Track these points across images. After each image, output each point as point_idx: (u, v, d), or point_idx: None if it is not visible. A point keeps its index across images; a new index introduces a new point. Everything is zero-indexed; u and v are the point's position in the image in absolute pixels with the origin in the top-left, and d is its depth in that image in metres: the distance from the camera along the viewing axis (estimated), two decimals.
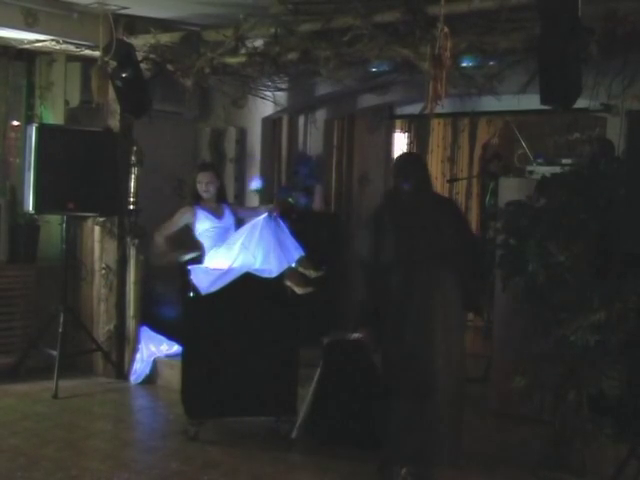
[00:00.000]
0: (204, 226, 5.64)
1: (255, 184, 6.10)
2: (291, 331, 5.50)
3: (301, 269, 5.44)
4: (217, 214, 5.71)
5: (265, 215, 5.48)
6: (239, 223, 5.75)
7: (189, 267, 5.50)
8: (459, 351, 4.79)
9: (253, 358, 5.41)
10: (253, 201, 7.91)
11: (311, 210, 7.99)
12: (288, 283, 5.42)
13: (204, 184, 5.71)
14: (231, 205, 5.99)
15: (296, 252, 5.44)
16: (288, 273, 5.42)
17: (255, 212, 5.76)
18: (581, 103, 5.06)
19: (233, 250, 5.43)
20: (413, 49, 5.40)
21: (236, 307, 5.41)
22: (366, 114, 8.67)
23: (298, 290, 5.40)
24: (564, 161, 5.29)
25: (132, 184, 7.16)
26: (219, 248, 5.55)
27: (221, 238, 5.61)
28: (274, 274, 5.36)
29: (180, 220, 5.70)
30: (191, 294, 5.41)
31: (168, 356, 6.90)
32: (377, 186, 8.93)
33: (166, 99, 7.32)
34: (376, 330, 4.98)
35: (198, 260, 5.63)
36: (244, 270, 5.36)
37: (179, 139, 7.88)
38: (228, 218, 5.75)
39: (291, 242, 5.47)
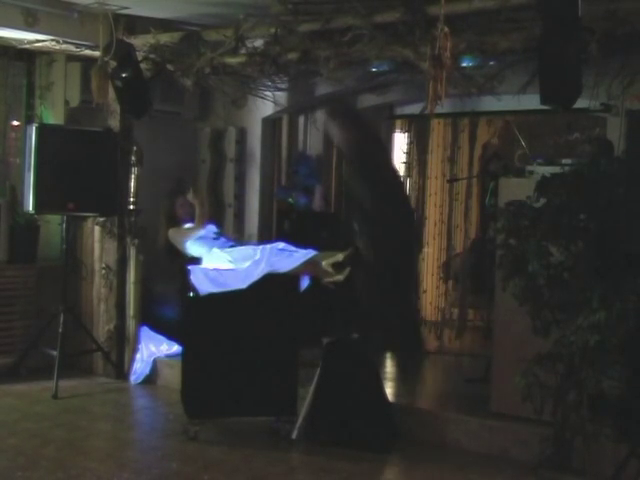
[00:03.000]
0: (199, 234, 5.83)
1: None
2: (291, 331, 5.50)
3: (325, 263, 5.44)
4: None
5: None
6: None
7: (189, 267, 5.52)
8: None
9: (253, 358, 5.41)
10: (253, 201, 7.92)
11: (311, 210, 7.99)
12: (326, 281, 5.47)
13: (186, 206, 5.98)
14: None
15: (305, 255, 5.49)
16: (319, 273, 5.47)
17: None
18: (581, 103, 5.06)
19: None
20: (413, 49, 5.41)
21: (236, 307, 5.41)
22: (366, 114, 8.65)
23: (338, 278, 5.41)
24: (564, 161, 5.28)
25: (132, 184, 7.16)
26: (216, 249, 5.68)
27: (211, 239, 5.78)
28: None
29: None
30: (191, 294, 5.42)
31: (168, 356, 6.90)
32: None
33: (166, 99, 7.33)
34: None
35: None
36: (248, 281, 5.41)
37: (179, 139, 7.88)
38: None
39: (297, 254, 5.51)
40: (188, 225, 5.97)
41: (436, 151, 9.26)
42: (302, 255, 5.47)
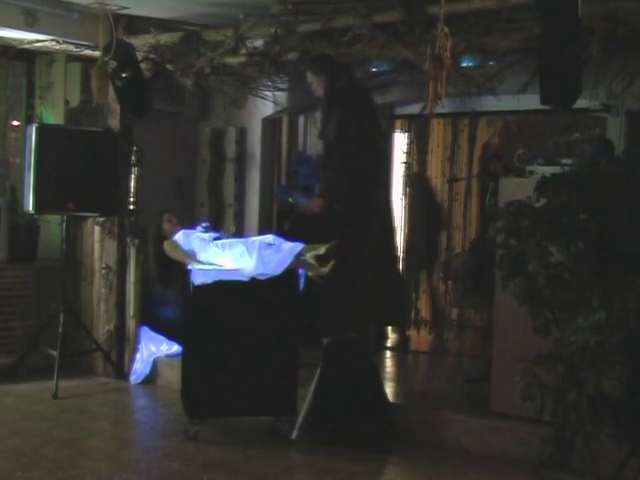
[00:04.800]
0: (194, 235, 5.86)
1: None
2: (291, 331, 5.50)
3: (309, 256, 5.44)
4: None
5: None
6: None
7: (189, 267, 5.53)
8: None
9: (253, 358, 5.41)
10: (253, 201, 7.91)
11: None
12: (310, 275, 5.46)
13: (173, 220, 6.08)
14: None
15: (292, 252, 5.47)
16: (305, 266, 5.46)
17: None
18: (581, 103, 5.06)
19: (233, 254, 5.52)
20: (413, 49, 5.41)
21: (236, 307, 5.41)
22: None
23: (322, 271, 5.40)
24: (564, 161, 5.28)
25: (132, 184, 7.16)
26: (211, 247, 5.69)
27: (207, 247, 5.75)
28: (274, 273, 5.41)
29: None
30: (191, 295, 5.42)
31: (168, 356, 6.89)
32: None
33: (166, 99, 7.32)
34: None
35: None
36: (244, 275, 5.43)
37: (179, 139, 7.88)
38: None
39: (286, 249, 5.50)
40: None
41: (436, 151, 9.27)
42: (290, 249, 5.46)
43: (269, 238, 5.59)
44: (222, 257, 5.56)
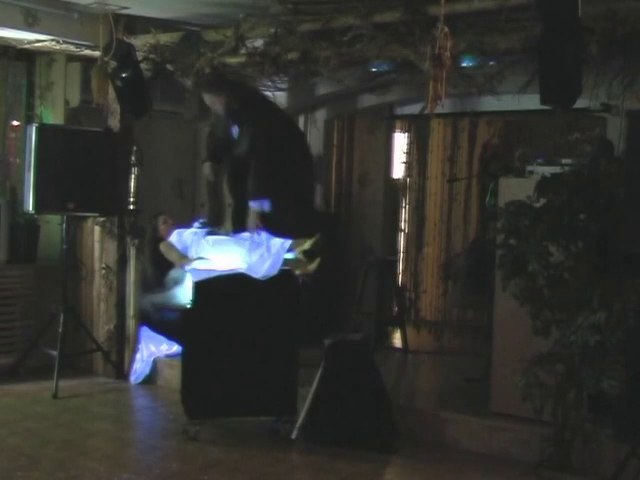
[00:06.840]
0: (188, 231, 5.93)
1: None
2: (291, 331, 5.50)
3: (297, 251, 5.45)
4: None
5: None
6: None
7: (186, 269, 5.55)
8: None
9: (253, 358, 5.41)
10: None
11: None
12: (298, 272, 5.49)
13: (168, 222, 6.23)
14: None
15: (283, 252, 5.48)
16: (292, 264, 5.48)
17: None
18: (581, 103, 5.06)
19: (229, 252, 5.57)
20: (413, 49, 5.41)
21: (236, 307, 5.41)
22: (366, 114, 8.67)
23: (309, 269, 5.43)
24: (564, 161, 5.29)
25: (132, 184, 7.16)
26: (202, 243, 5.75)
27: (199, 241, 5.80)
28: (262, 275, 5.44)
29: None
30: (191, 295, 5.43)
31: (168, 356, 6.89)
32: (377, 186, 8.93)
33: (166, 99, 7.32)
34: None
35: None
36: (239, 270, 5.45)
37: (179, 139, 7.88)
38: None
39: (276, 248, 5.51)
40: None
41: (436, 151, 9.27)
42: (279, 249, 5.45)
43: (258, 237, 5.61)
44: (212, 254, 5.59)
